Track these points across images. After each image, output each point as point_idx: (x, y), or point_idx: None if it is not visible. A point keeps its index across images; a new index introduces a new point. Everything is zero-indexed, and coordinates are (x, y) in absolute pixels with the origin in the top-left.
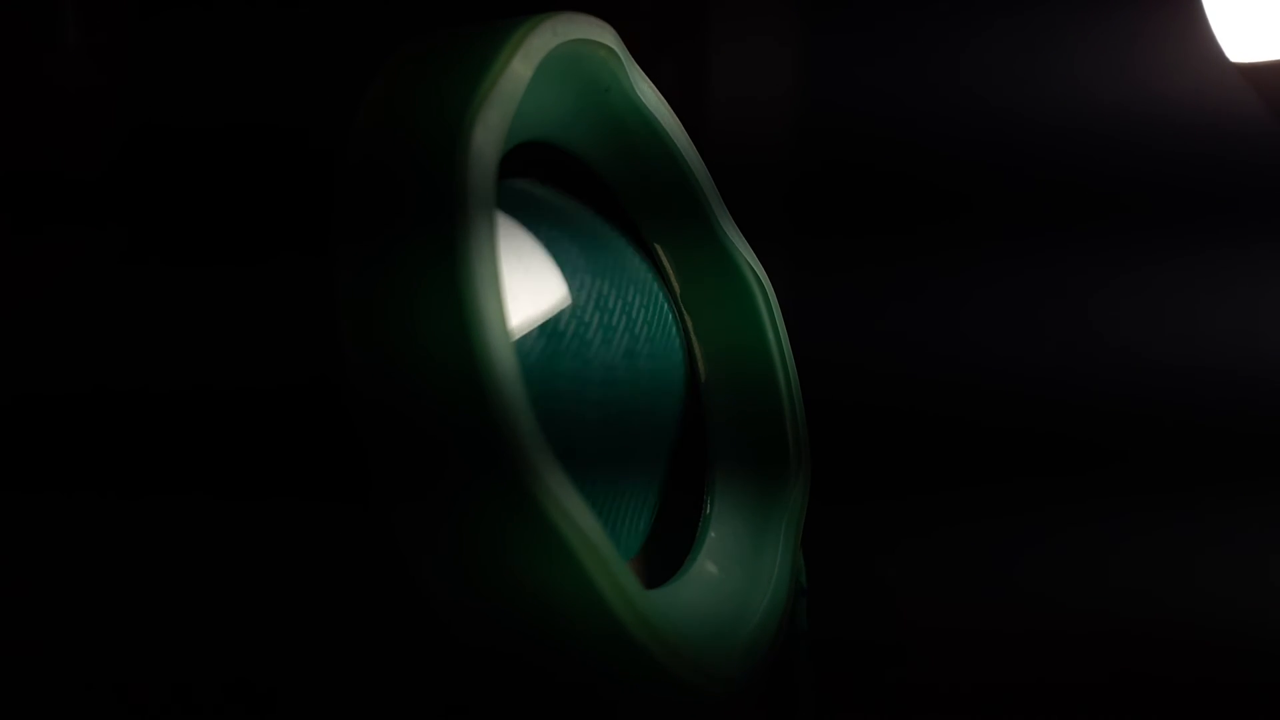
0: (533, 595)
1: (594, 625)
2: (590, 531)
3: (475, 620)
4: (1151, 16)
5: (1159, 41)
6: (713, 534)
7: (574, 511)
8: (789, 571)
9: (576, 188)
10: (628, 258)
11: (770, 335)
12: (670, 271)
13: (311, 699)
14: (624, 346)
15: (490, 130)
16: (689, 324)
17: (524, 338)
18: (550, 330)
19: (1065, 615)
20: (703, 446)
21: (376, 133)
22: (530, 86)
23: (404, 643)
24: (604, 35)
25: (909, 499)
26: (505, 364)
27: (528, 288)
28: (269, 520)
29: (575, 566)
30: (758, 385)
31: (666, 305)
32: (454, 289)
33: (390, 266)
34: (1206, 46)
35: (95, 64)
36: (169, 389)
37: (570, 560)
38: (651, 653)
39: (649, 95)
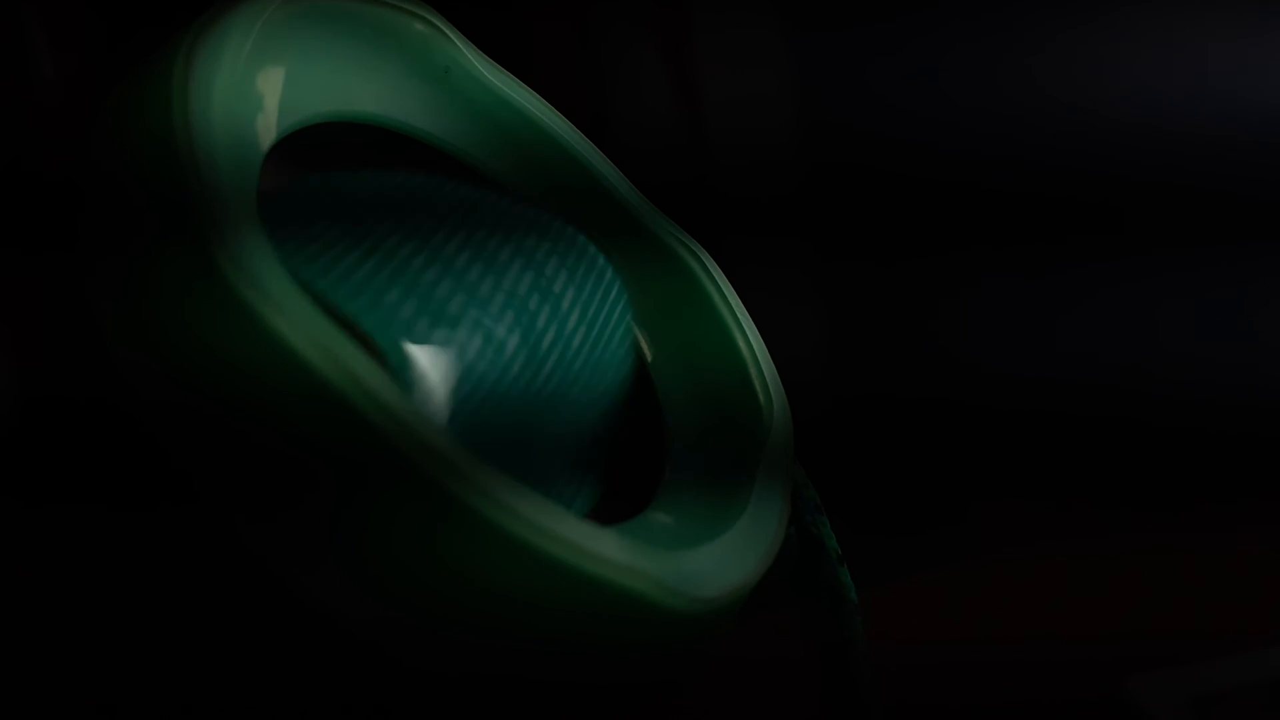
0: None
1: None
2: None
3: (156, 380)
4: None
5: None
6: (668, 491)
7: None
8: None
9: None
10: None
11: (715, 298)
12: None
13: None
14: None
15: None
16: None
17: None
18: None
19: None
20: (660, 426)
21: None
22: (318, 42)
23: None
24: (418, 8)
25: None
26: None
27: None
28: None
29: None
30: (713, 353)
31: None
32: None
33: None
34: None
35: (71, 91)
36: None
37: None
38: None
39: (502, 77)
